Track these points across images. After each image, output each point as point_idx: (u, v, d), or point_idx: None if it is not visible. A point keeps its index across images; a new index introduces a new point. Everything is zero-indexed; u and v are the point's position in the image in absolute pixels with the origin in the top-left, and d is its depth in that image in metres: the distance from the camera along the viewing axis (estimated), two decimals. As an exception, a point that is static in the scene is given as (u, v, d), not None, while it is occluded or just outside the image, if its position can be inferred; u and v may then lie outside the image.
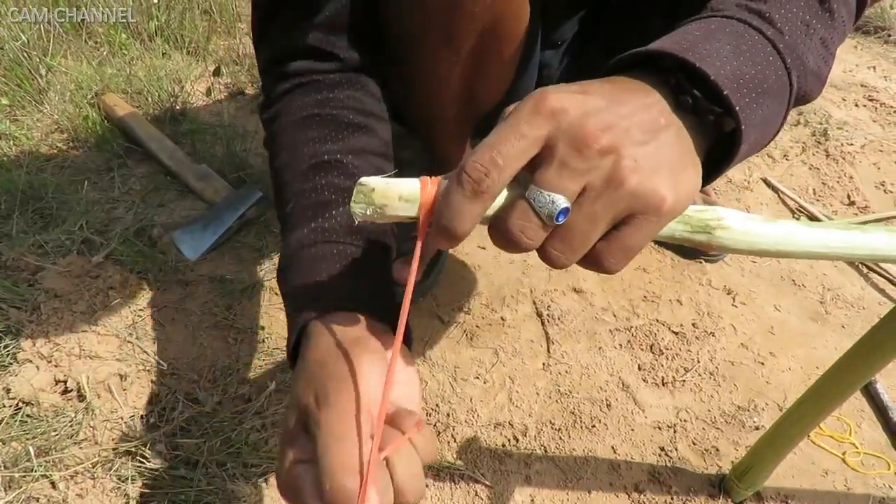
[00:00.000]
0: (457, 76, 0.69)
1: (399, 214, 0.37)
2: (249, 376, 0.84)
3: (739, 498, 0.78)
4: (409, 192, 0.36)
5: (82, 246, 0.97)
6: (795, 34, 0.44)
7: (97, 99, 1.26)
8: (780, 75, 0.42)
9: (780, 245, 0.42)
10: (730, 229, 0.41)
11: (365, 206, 0.37)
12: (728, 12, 0.44)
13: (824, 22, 0.46)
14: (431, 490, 0.75)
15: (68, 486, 0.70)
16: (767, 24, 0.43)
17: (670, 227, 0.40)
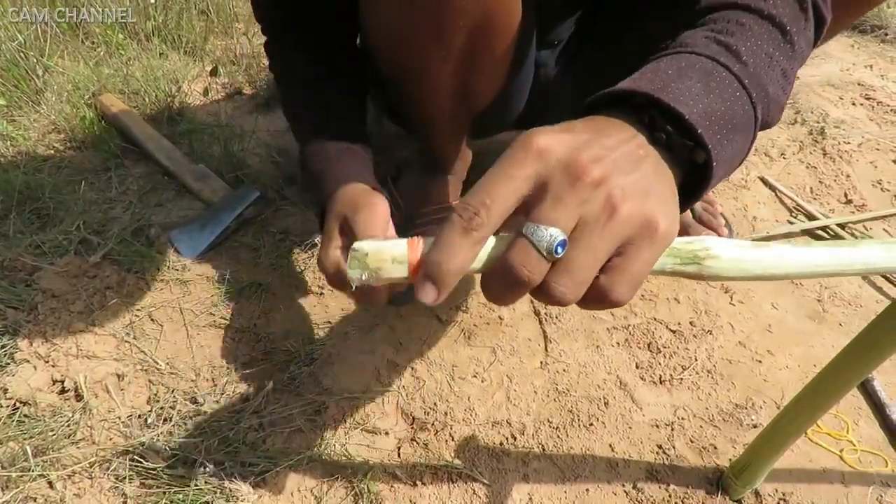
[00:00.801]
0: (449, 73, 0.69)
1: (393, 276, 0.39)
2: (247, 376, 0.84)
3: (737, 495, 0.78)
4: (399, 254, 0.38)
5: (79, 246, 0.97)
6: (760, 66, 0.46)
7: (94, 99, 1.26)
8: (747, 110, 0.44)
9: (772, 269, 0.42)
10: (719, 258, 0.41)
11: (361, 271, 0.39)
12: (697, 48, 0.45)
13: (785, 53, 0.49)
14: (429, 488, 0.75)
15: (66, 486, 0.70)
16: (734, 57, 0.45)
17: (661, 262, 0.41)
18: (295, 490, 0.72)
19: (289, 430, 0.79)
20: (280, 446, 0.77)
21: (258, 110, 1.32)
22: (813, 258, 0.42)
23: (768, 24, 0.49)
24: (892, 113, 1.54)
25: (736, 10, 0.50)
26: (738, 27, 0.48)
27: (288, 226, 1.06)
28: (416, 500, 0.74)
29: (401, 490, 0.75)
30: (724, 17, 0.50)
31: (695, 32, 0.48)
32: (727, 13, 0.50)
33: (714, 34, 0.47)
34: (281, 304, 0.94)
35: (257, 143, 1.22)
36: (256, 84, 1.39)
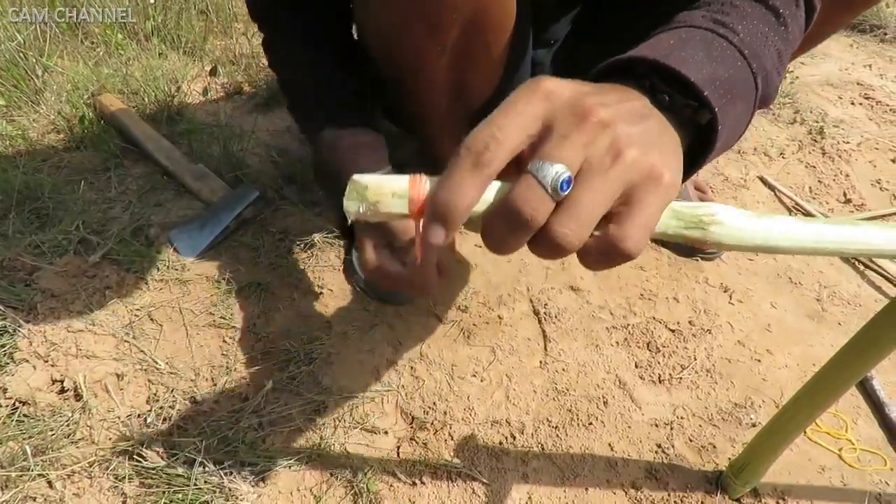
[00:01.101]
0: (444, 68, 0.69)
1: (391, 211, 0.37)
2: (246, 375, 0.84)
3: (736, 494, 0.78)
4: (400, 189, 0.37)
5: (79, 246, 0.97)
6: (756, 43, 0.48)
7: (94, 99, 1.26)
8: (747, 78, 0.45)
9: (775, 240, 0.41)
10: (723, 224, 0.41)
11: (358, 203, 0.37)
12: (695, 23, 0.47)
13: (780, 34, 0.51)
14: (429, 488, 0.75)
15: (65, 486, 0.70)
16: (732, 33, 0.46)
17: (664, 223, 0.40)
18: (294, 489, 0.72)
19: (288, 430, 0.79)
20: (279, 446, 0.77)
21: (257, 110, 1.32)
22: (817, 232, 0.41)
23: (762, 6, 0.50)
24: (891, 112, 1.54)
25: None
26: (732, 8, 0.49)
27: (287, 225, 1.06)
28: (416, 499, 0.74)
29: (400, 489, 0.75)
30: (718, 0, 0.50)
31: (691, 12, 0.49)
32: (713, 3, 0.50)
33: (710, 13, 0.48)
34: (280, 304, 0.94)
35: (256, 143, 1.22)
36: (256, 84, 1.39)
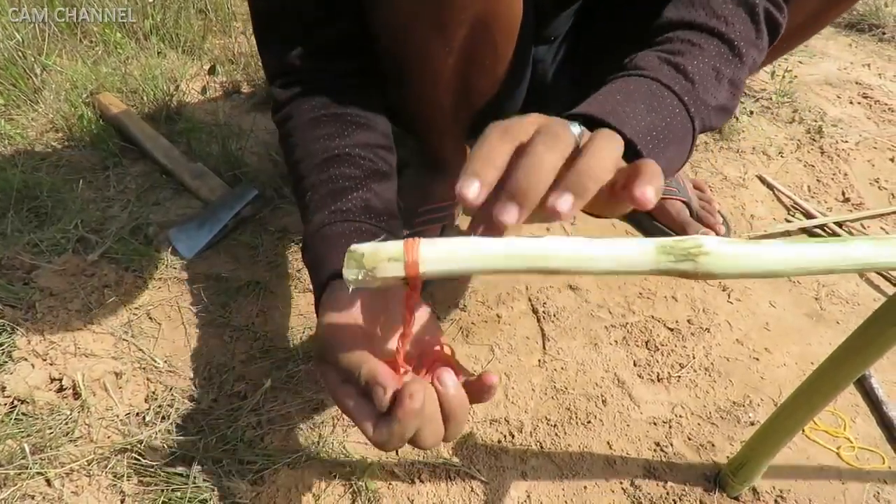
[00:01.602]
0: (450, 68, 0.69)
1: (389, 275, 0.39)
2: (245, 374, 0.84)
3: (734, 493, 0.78)
4: (395, 253, 0.39)
5: (77, 244, 0.97)
6: (705, 81, 0.56)
7: (92, 98, 1.26)
8: (684, 123, 0.54)
9: (765, 265, 0.42)
10: (712, 254, 0.42)
11: (357, 272, 0.39)
12: (647, 71, 0.55)
13: (734, 65, 0.59)
14: (427, 486, 0.75)
15: (63, 484, 0.70)
16: (681, 75, 0.55)
17: (654, 260, 0.41)
18: (293, 488, 0.72)
19: (287, 429, 0.79)
20: (278, 444, 0.77)
21: (256, 109, 1.32)
22: (805, 255, 0.42)
23: (717, 40, 0.58)
24: (890, 112, 1.54)
25: (691, 29, 0.59)
26: (689, 46, 0.57)
27: (286, 224, 1.06)
28: (414, 497, 0.74)
29: (399, 488, 0.75)
30: (678, 36, 0.58)
31: (649, 53, 0.57)
32: (682, 32, 0.59)
33: (666, 55, 0.57)
34: (279, 303, 0.94)
35: (255, 142, 1.22)
36: (254, 83, 1.39)
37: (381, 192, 0.67)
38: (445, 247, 0.40)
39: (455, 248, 0.40)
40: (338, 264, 0.53)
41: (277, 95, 0.74)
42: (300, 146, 0.69)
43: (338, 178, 0.66)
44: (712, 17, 0.59)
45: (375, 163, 0.68)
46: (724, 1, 0.59)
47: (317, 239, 0.63)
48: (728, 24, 0.59)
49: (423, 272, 0.40)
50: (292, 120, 0.71)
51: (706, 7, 0.59)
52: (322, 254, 0.61)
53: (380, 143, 0.71)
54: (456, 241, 0.40)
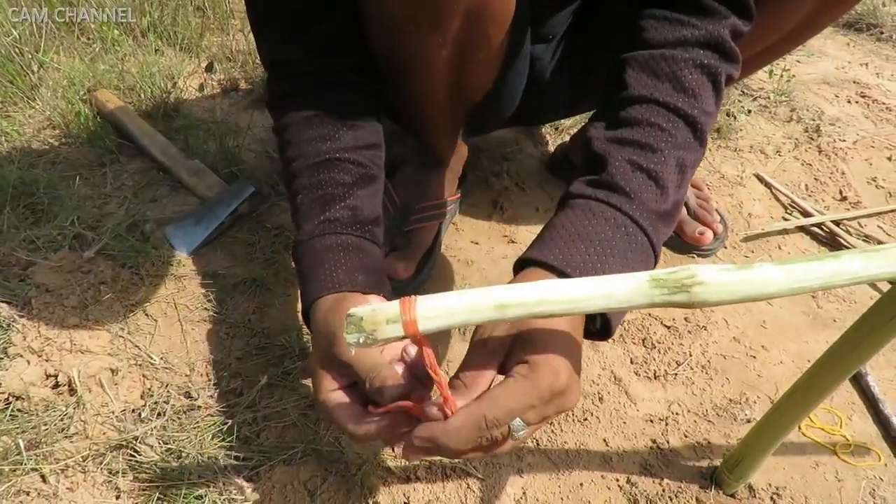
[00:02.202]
0: (444, 60, 0.69)
1: (389, 336, 0.41)
2: (241, 371, 0.84)
3: (731, 490, 0.78)
4: (393, 314, 0.41)
5: (74, 241, 0.97)
6: (672, 184, 0.60)
7: (89, 95, 1.26)
8: (645, 247, 0.58)
9: (758, 289, 0.43)
10: (705, 284, 0.42)
11: (357, 335, 0.41)
12: (622, 195, 0.57)
13: (695, 151, 0.62)
14: (423, 483, 0.75)
15: (58, 480, 0.70)
16: (654, 184, 0.58)
17: (649, 294, 0.42)
18: (289, 483, 0.72)
19: (283, 425, 0.79)
20: (274, 441, 0.77)
21: (254, 106, 1.31)
22: (798, 276, 0.43)
23: (682, 122, 0.60)
24: (888, 111, 1.54)
25: (658, 106, 0.60)
26: (657, 133, 0.59)
27: (283, 221, 1.06)
28: (410, 494, 0.74)
29: (394, 485, 0.75)
30: (646, 118, 0.60)
31: (620, 153, 0.59)
32: (649, 112, 0.60)
33: (637, 158, 0.59)
34: (276, 300, 0.94)
35: (253, 140, 1.22)
36: (252, 80, 1.38)
37: (367, 197, 0.72)
38: (440, 303, 0.42)
39: (450, 304, 0.42)
40: (323, 284, 0.65)
41: (273, 87, 0.77)
42: (293, 144, 0.73)
43: (327, 183, 0.70)
44: (679, 93, 0.61)
45: (364, 166, 0.73)
46: (690, 69, 0.61)
47: (306, 250, 0.68)
48: (693, 98, 0.61)
49: (422, 330, 0.41)
50: (287, 116, 0.74)
51: (672, 79, 0.61)
52: (310, 267, 0.67)
53: (370, 142, 0.74)
54: (451, 296, 0.42)
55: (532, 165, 1.26)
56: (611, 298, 0.43)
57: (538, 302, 0.42)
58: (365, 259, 0.69)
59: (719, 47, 0.62)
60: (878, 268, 0.43)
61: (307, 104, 0.73)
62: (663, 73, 0.61)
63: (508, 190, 1.19)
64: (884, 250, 0.43)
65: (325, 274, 0.66)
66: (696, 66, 0.61)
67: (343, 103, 0.74)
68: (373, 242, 0.71)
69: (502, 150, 1.27)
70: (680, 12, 0.63)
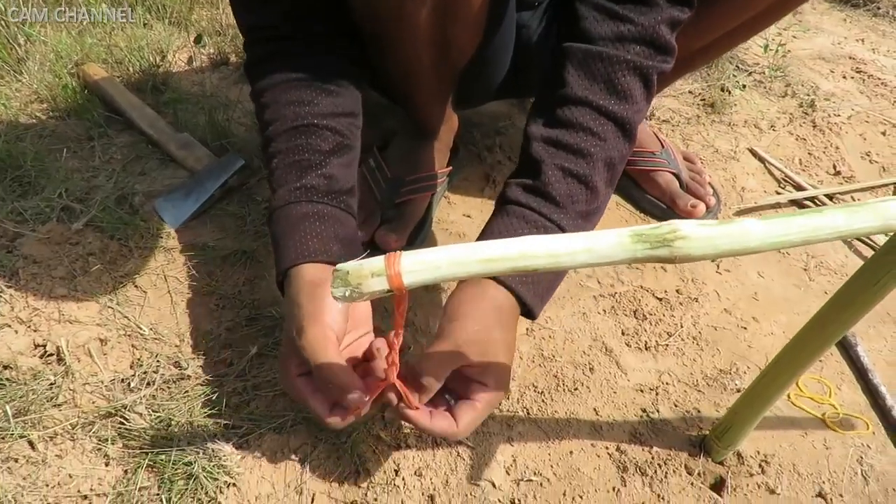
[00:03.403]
0: (425, 19, 0.68)
1: (374, 289, 0.42)
2: (231, 341, 0.84)
3: (719, 457, 0.78)
4: (377, 268, 0.41)
5: (62, 213, 0.96)
6: (601, 181, 0.68)
7: (77, 69, 1.24)
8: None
9: (740, 242, 0.42)
10: (687, 238, 0.42)
11: (344, 289, 0.42)
12: (558, 208, 0.66)
13: (624, 147, 0.69)
14: (413, 451, 0.75)
15: (47, 447, 0.69)
16: (582, 185, 0.67)
17: (631, 249, 0.42)
18: (279, 451, 0.72)
19: (272, 394, 0.78)
20: (264, 410, 0.77)
21: (244, 80, 1.30)
22: (780, 229, 0.43)
23: (613, 125, 0.67)
24: (883, 86, 1.53)
25: (591, 109, 0.67)
26: (589, 138, 0.66)
27: (273, 194, 1.05)
28: (400, 461, 0.74)
29: (384, 452, 0.75)
30: (579, 122, 0.66)
31: (553, 159, 0.66)
32: (582, 115, 0.66)
33: (569, 165, 0.66)
34: (266, 272, 0.94)
35: (243, 113, 1.21)
36: (242, 54, 1.36)
37: (343, 166, 0.74)
38: (425, 257, 0.42)
39: (434, 257, 0.42)
40: (298, 255, 0.67)
41: (251, 50, 0.77)
42: (270, 108, 0.74)
43: (304, 149, 0.72)
44: (612, 96, 0.67)
45: (341, 134, 0.74)
46: (623, 72, 0.66)
47: (281, 216, 0.70)
48: (625, 101, 0.67)
49: (407, 284, 0.42)
50: (264, 80, 0.74)
51: (606, 81, 0.67)
52: (285, 234, 0.69)
53: (348, 110, 0.76)
54: (435, 251, 0.43)
55: (525, 139, 1.25)
56: (593, 253, 0.43)
57: (521, 256, 0.42)
58: (339, 229, 0.71)
59: (654, 42, 0.67)
60: (862, 222, 0.43)
61: (286, 68, 0.73)
62: (599, 75, 0.67)
63: (501, 164, 1.18)
64: (867, 205, 0.43)
65: (300, 242, 0.68)
66: (630, 69, 0.66)
67: (322, 69, 0.74)
68: (347, 213, 0.74)
69: (495, 125, 1.26)
70: (619, 4, 0.66)
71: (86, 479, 0.68)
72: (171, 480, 0.68)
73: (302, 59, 0.73)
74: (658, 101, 1.39)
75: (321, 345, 0.60)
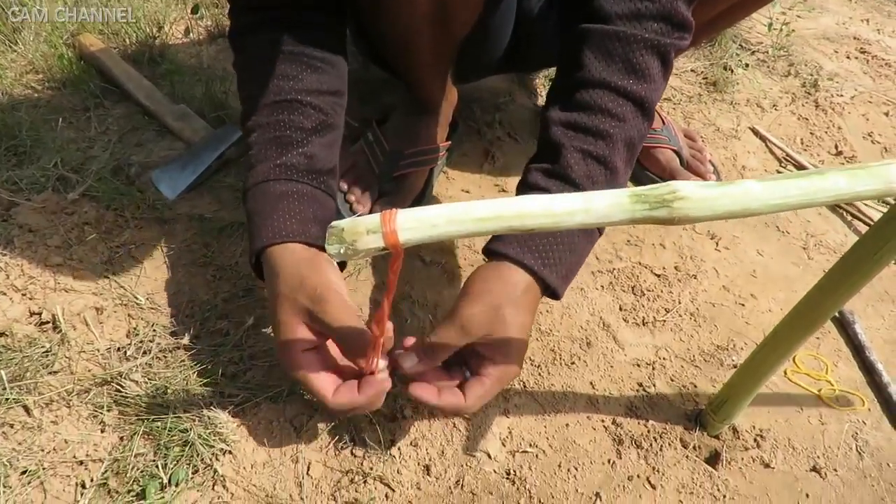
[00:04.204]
0: None
1: (370, 247, 0.41)
2: (228, 312, 0.84)
3: (715, 431, 0.78)
4: (373, 225, 0.41)
5: (57, 183, 0.95)
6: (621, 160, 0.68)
7: (73, 39, 1.22)
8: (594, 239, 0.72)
9: (740, 203, 0.42)
10: (687, 198, 0.41)
11: (339, 246, 0.41)
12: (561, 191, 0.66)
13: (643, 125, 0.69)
14: (409, 421, 0.75)
15: (43, 413, 0.69)
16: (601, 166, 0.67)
17: (629, 209, 0.41)
18: (275, 419, 0.72)
19: (268, 365, 0.78)
20: (260, 379, 0.77)
21: (242, 53, 1.28)
22: (781, 190, 0.42)
23: (632, 104, 0.67)
24: (887, 66, 1.52)
25: (610, 91, 0.66)
26: (608, 119, 0.66)
27: (271, 167, 1.04)
28: (396, 431, 0.74)
29: (381, 423, 0.75)
30: (598, 104, 0.66)
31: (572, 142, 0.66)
32: (601, 97, 0.66)
33: (588, 147, 0.66)
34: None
35: (241, 86, 1.20)
36: (240, 27, 1.35)
37: (324, 145, 0.73)
38: (420, 215, 0.42)
39: (430, 215, 0.42)
40: (275, 231, 0.66)
41: (235, 19, 0.75)
42: (253, 80, 0.72)
43: (285, 125, 0.70)
44: (630, 75, 0.66)
45: (325, 112, 0.72)
46: (641, 51, 0.66)
47: (258, 193, 0.69)
48: (643, 79, 0.66)
49: (403, 241, 0.41)
50: (249, 50, 0.73)
51: (624, 60, 0.66)
52: (263, 211, 0.68)
53: (333, 88, 0.74)
54: (431, 209, 0.42)
55: (525, 116, 1.24)
56: (591, 213, 0.42)
57: (518, 215, 0.42)
58: (318, 211, 0.71)
59: (672, 19, 0.66)
60: (863, 185, 0.42)
61: (272, 40, 0.71)
62: (616, 56, 0.66)
63: (500, 140, 1.17)
64: (869, 167, 0.42)
65: (279, 221, 0.67)
66: (648, 48, 0.65)
67: (309, 44, 0.72)
68: (327, 194, 0.73)
69: (495, 101, 1.25)
70: None
71: (82, 444, 0.68)
72: (167, 447, 0.68)
73: (289, 31, 0.72)
74: (660, 78, 1.37)
75: (346, 310, 0.61)
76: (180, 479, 0.66)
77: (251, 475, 0.68)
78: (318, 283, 0.62)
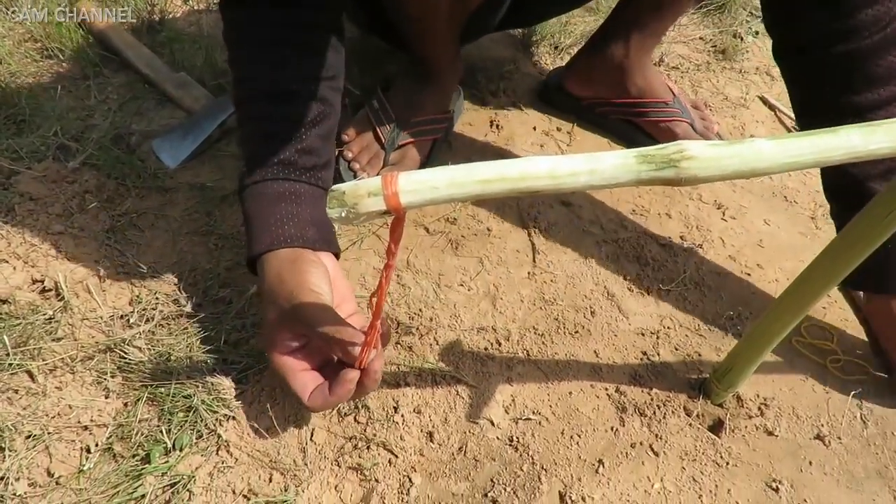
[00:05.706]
0: None
1: (371, 209, 0.41)
2: (230, 280, 0.83)
3: (719, 399, 0.78)
4: (374, 187, 0.40)
5: (58, 152, 0.94)
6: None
7: (72, 7, 1.21)
8: None
9: (750, 163, 0.41)
10: (695, 158, 0.40)
11: (340, 209, 0.41)
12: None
13: None
14: (413, 389, 0.75)
15: (47, 379, 0.69)
16: None
17: (635, 170, 0.40)
18: (277, 387, 0.72)
19: (272, 332, 0.78)
20: (262, 347, 0.77)
21: (242, 21, 1.26)
22: (792, 148, 0.41)
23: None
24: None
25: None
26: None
27: (273, 136, 1.03)
28: (399, 398, 0.74)
29: (383, 390, 0.75)
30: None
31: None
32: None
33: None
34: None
35: (241, 54, 1.18)
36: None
37: (321, 138, 0.72)
38: (422, 177, 0.41)
39: (432, 177, 0.41)
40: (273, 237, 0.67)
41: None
42: (248, 64, 0.71)
43: (282, 118, 0.70)
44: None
45: (322, 101, 0.71)
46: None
47: (255, 193, 0.69)
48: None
49: (404, 203, 0.40)
50: (244, 27, 0.71)
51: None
52: (260, 215, 0.68)
53: (329, 73, 0.72)
54: (433, 171, 0.41)
55: (529, 84, 1.22)
56: (595, 174, 0.41)
57: (521, 177, 0.41)
58: (314, 211, 0.70)
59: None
60: (878, 142, 0.41)
61: (266, 16, 0.68)
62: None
63: (505, 109, 1.16)
64: (884, 124, 0.41)
65: (276, 226, 0.67)
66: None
67: (305, 21, 0.70)
68: (323, 189, 0.73)
69: (499, 69, 1.23)
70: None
71: (86, 410, 0.68)
72: (171, 412, 0.68)
73: (286, 7, 0.69)
74: (668, 46, 1.35)
75: (322, 310, 0.61)
76: (184, 444, 0.66)
77: (255, 440, 0.68)
78: (294, 285, 0.63)
